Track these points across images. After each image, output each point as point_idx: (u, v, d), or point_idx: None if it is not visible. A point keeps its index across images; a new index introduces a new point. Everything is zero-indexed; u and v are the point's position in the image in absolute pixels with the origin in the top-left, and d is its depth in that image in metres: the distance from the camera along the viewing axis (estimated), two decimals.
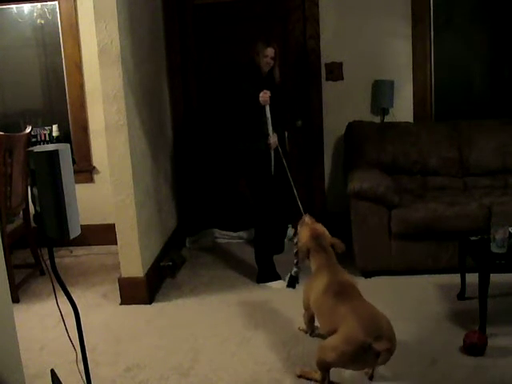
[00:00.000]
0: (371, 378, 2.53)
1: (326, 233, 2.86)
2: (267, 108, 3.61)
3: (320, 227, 2.89)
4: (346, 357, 2.30)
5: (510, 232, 2.90)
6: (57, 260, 2.14)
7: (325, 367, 2.41)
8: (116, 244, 3.48)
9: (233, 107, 3.77)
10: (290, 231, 4.46)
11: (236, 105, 3.72)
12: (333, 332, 2.39)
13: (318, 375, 2.47)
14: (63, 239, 1.98)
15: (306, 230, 2.87)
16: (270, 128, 3.64)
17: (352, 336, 2.27)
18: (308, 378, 2.53)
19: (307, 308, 2.82)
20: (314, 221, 2.97)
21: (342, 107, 4.44)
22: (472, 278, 2.98)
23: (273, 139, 3.66)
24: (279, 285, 3.62)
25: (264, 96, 3.55)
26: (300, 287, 3.28)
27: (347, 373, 2.53)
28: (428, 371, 2.55)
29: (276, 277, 3.67)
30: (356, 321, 2.31)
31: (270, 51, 3.68)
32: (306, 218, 2.99)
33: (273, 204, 3.74)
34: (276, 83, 3.77)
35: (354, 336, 2.26)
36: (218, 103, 4.22)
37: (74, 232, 1.99)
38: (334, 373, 2.45)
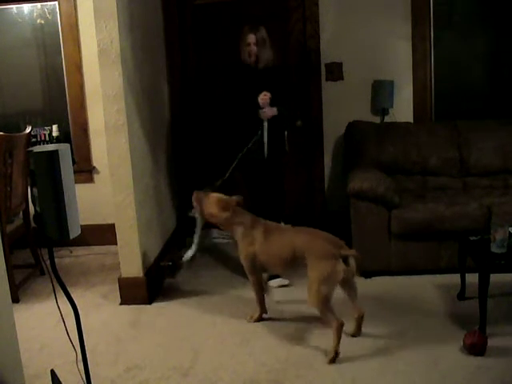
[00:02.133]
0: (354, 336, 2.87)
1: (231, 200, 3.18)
2: (265, 123, 3.60)
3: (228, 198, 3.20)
4: (329, 273, 2.68)
5: (510, 232, 2.90)
6: (57, 260, 2.14)
7: (325, 303, 2.69)
8: (116, 244, 3.48)
9: (225, 112, 3.77)
10: None
11: (227, 110, 3.74)
12: (294, 260, 2.85)
13: (333, 329, 2.68)
14: (63, 239, 1.98)
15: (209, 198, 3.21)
16: (266, 138, 3.63)
17: (326, 252, 2.73)
18: (337, 344, 2.68)
19: (253, 271, 3.09)
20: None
21: (342, 107, 4.43)
22: (472, 278, 2.98)
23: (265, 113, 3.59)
24: (278, 282, 3.62)
25: (265, 106, 3.50)
26: (294, 289, 3.29)
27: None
28: (428, 371, 2.55)
29: (274, 275, 3.67)
30: (322, 241, 2.82)
31: (251, 38, 3.59)
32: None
33: (265, 203, 3.74)
34: (261, 69, 3.64)
35: (328, 251, 2.72)
36: (214, 107, 4.23)
37: (74, 232, 1.99)
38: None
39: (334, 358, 2.65)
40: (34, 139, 4.55)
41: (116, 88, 3.27)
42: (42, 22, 4.59)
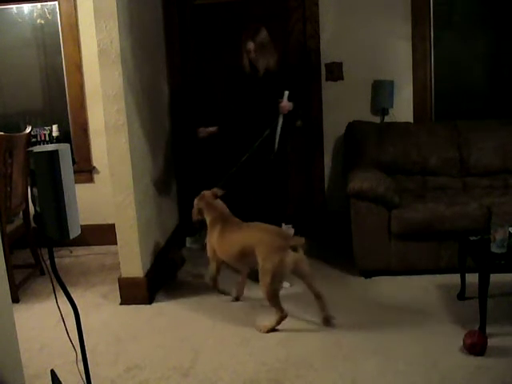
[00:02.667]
0: (327, 322, 3.01)
1: (209, 193, 3.47)
2: (280, 118, 3.62)
3: (207, 192, 3.47)
4: (278, 264, 2.88)
5: (510, 232, 2.90)
6: (57, 260, 2.14)
7: (274, 294, 2.94)
8: (116, 244, 3.48)
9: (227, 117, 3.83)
10: (290, 231, 4.46)
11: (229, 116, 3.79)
12: (245, 255, 3.07)
13: (274, 317, 2.98)
14: (63, 239, 1.98)
15: (197, 198, 3.50)
16: (278, 133, 3.64)
17: (274, 246, 2.92)
18: (272, 327, 2.98)
19: (213, 258, 3.37)
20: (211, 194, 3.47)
21: (342, 107, 4.43)
22: (472, 278, 2.98)
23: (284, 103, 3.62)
24: None
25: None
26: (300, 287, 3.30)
27: None
28: (428, 371, 2.55)
29: None
30: (269, 235, 3.01)
31: (250, 45, 3.58)
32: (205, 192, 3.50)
33: (266, 203, 3.74)
34: (260, 76, 3.65)
35: (276, 244, 2.92)
36: (215, 108, 4.25)
37: (74, 232, 1.99)
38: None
39: (267, 331, 2.97)
40: (34, 139, 4.55)
41: (116, 88, 3.27)
42: (42, 21, 4.59)
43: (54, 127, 4.62)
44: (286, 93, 3.61)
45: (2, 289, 2.04)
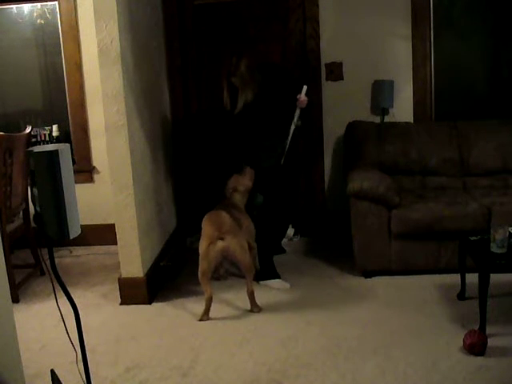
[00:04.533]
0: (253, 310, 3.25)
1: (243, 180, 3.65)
2: (297, 111, 3.70)
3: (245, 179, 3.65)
4: (204, 250, 3.17)
5: (510, 232, 2.90)
6: (57, 260, 2.14)
7: (201, 274, 3.19)
8: (116, 244, 3.48)
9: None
10: (291, 231, 4.46)
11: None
12: None
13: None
14: (63, 239, 1.98)
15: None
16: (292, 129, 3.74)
17: (205, 232, 3.25)
18: (204, 311, 3.19)
19: None
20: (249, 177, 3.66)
21: (342, 107, 4.43)
22: (472, 278, 2.98)
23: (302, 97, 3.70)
24: (278, 284, 3.62)
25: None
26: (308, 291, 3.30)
27: None
28: (428, 371, 2.55)
29: (275, 275, 3.67)
30: (208, 223, 3.30)
31: (226, 85, 3.63)
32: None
33: (279, 204, 3.75)
34: (236, 114, 3.64)
35: (206, 232, 3.24)
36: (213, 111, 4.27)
37: (74, 232, 1.99)
38: None
39: (201, 320, 3.17)
40: (34, 139, 4.54)
41: (116, 88, 3.27)
42: (42, 21, 4.59)
43: (54, 127, 4.62)
44: (305, 87, 3.68)
45: (2, 289, 2.04)
